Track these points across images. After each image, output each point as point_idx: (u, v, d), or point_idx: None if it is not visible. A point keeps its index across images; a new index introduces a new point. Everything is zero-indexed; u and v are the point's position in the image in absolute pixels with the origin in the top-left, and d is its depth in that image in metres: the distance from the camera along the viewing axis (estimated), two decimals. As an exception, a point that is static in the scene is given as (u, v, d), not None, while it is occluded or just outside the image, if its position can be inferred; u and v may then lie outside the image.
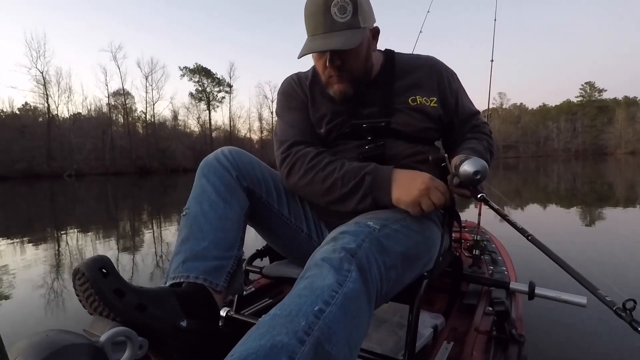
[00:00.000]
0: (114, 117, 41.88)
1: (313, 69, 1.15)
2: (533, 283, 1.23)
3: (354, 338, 0.59)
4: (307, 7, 0.97)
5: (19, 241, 4.70)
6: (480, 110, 1.28)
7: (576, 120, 67.61)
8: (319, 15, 0.94)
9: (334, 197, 0.97)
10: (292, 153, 1.04)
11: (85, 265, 0.64)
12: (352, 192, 0.95)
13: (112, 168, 36.24)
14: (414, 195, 0.88)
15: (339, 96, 1.04)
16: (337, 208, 0.99)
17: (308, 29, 0.98)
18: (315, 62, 1.05)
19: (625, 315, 0.59)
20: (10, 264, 3.49)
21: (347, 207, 0.97)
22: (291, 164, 1.03)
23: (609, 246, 3.57)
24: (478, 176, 0.85)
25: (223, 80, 52.25)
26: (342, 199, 0.97)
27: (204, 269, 0.82)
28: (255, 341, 0.51)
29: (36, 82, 36.30)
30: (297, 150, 1.04)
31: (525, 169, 23.83)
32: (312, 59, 1.06)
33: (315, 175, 0.99)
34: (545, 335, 1.76)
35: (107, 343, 0.58)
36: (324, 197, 0.99)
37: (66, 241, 4.76)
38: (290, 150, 1.05)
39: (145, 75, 43.56)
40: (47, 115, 36.53)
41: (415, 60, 1.14)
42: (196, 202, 0.91)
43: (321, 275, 0.62)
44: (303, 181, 1.01)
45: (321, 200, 1.01)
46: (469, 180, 0.87)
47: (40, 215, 8.08)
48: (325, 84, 1.06)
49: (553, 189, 10.51)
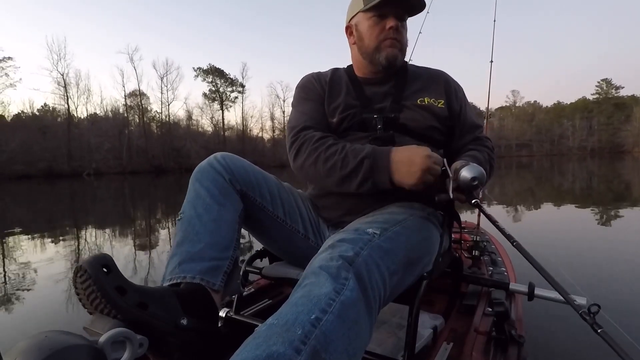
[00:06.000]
0: (130, 118, 42.60)
1: (332, 70, 1.27)
2: (533, 284, 1.23)
3: (353, 346, 0.59)
4: None
5: (44, 236, 4.84)
6: (481, 109, 1.31)
7: (592, 117, 65.98)
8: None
9: (334, 178, 1.01)
10: (301, 136, 1.09)
11: (87, 263, 0.64)
12: (351, 175, 0.98)
13: (129, 167, 36.80)
14: (415, 178, 0.91)
15: (390, 59, 1.13)
16: (340, 189, 1.03)
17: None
18: (371, 25, 1.13)
19: (589, 318, 0.63)
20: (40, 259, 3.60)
21: (349, 189, 1.01)
22: (298, 146, 1.08)
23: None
24: (475, 182, 0.87)
25: (236, 80, 52.59)
26: (342, 181, 1.00)
27: (200, 269, 0.83)
28: (251, 351, 0.51)
29: (57, 83, 37.39)
30: (305, 134, 1.09)
31: (539, 167, 23.38)
32: (364, 23, 1.14)
33: (318, 157, 1.03)
34: (544, 336, 1.75)
35: (106, 344, 0.58)
36: (326, 179, 1.03)
37: (85, 238, 4.88)
38: (299, 134, 1.10)
39: (160, 76, 44.26)
40: (67, 116, 37.41)
41: (426, 70, 1.26)
42: (191, 206, 0.92)
43: (318, 283, 0.62)
44: (308, 162, 1.05)
45: (324, 182, 1.05)
46: (467, 185, 0.88)
47: (63, 213, 8.27)
48: (376, 48, 1.14)
49: (568, 188, 10.30)
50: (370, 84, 1.20)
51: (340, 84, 1.21)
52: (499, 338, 1.08)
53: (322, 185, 1.09)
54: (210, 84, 51.50)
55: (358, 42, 1.19)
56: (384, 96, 1.16)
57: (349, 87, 1.20)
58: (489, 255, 1.84)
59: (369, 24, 1.13)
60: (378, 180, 0.95)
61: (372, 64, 1.17)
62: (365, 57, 1.17)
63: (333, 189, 1.06)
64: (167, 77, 44.44)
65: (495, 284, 1.35)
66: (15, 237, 5.03)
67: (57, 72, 37.85)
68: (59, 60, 37.63)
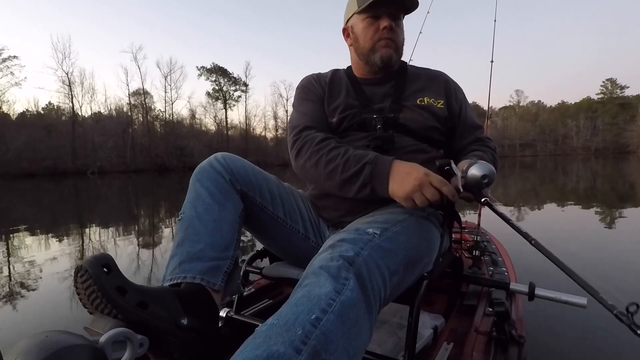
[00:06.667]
0: (134, 116, 42.65)
1: (333, 71, 1.28)
2: (533, 284, 1.23)
3: (353, 346, 0.59)
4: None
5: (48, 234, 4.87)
6: (485, 109, 1.31)
7: (596, 117, 65.49)
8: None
9: (334, 181, 1.00)
10: (302, 137, 1.09)
11: (88, 263, 0.65)
12: (351, 179, 0.97)
13: (133, 165, 36.93)
14: (406, 191, 0.89)
15: (384, 59, 1.14)
16: (339, 193, 1.03)
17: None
18: (365, 26, 1.14)
19: (625, 318, 0.59)
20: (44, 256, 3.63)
21: (348, 194, 1.00)
22: (300, 147, 1.08)
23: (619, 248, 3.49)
24: (485, 180, 0.86)
25: (239, 79, 52.55)
26: (342, 184, 1.00)
27: (201, 269, 0.84)
28: (251, 351, 0.52)
29: (62, 82, 37.52)
30: (307, 134, 1.09)
31: (543, 167, 23.27)
32: (359, 25, 1.15)
33: (319, 158, 1.02)
34: (545, 336, 1.75)
35: (107, 343, 0.58)
36: (326, 181, 1.03)
37: (89, 236, 4.90)
38: (300, 134, 1.10)
39: (164, 75, 44.22)
40: (72, 115, 37.59)
41: (425, 70, 1.27)
42: (191, 206, 0.92)
43: (319, 283, 0.63)
44: (309, 163, 1.05)
45: (324, 184, 1.05)
46: (476, 183, 0.87)
47: (67, 211, 8.32)
48: (371, 49, 1.14)
49: (572, 188, 10.25)
50: (370, 85, 1.21)
51: (340, 84, 1.22)
52: (500, 338, 1.08)
53: (322, 187, 1.10)
54: (213, 83, 51.57)
55: (354, 44, 1.20)
56: (384, 96, 1.17)
57: (348, 88, 1.20)
58: (489, 255, 1.83)
59: (363, 25, 1.14)
60: (377, 187, 0.95)
61: (369, 65, 1.18)
62: (362, 58, 1.18)
63: (332, 192, 1.06)
64: (170, 76, 44.54)
65: (496, 284, 1.35)
66: (20, 234, 5.06)
67: (61, 70, 38.07)
68: (63, 59, 38.45)
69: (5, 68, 34.92)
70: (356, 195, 0.99)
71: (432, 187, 0.88)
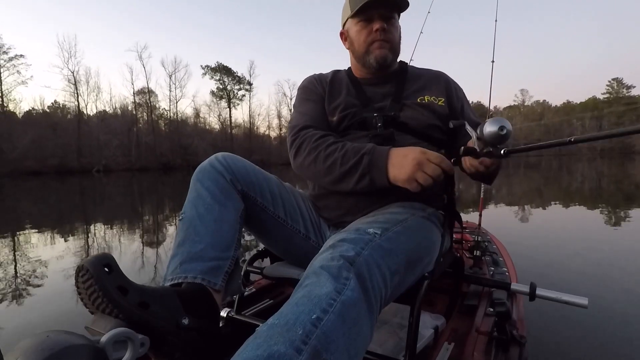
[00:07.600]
0: (139, 115, 42.95)
1: (334, 72, 1.29)
2: (534, 284, 1.23)
3: (354, 346, 0.59)
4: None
5: (54, 232, 4.91)
6: (486, 107, 1.31)
7: (602, 117, 65.02)
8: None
9: (334, 176, 1.01)
10: (301, 135, 1.10)
11: (89, 262, 0.65)
12: (350, 171, 0.98)
13: (138, 164, 37.16)
14: (407, 172, 0.90)
15: (379, 60, 1.15)
16: (338, 188, 1.04)
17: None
18: (358, 30, 1.16)
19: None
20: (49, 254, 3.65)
21: (347, 187, 1.01)
22: (298, 145, 1.09)
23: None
24: (504, 131, 0.79)
25: (243, 78, 52.75)
26: (341, 178, 1.00)
27: (202, 269, 0.84)
28: (252, 351, 0.51)
29: (67, 81, 37.89)
30: (305, 132, 1.10)
31: (548, 167, 23.14)
32: (353, 28, 1.17)
33: (318, 155, 1.04)
34: (546, 337, 1.75)
35: (108, 343, 0.58)
36: (325, 177, 1.03)
37: (94, 234, 4.93)
38: (299, 133, 1.11)
39: (169, 74, 44.75)
40: (77, 113, 37.89)
41: (426, 71, 1.28)
42: (192, 206, 0.92)
43: (319, 283, 0.63)
44: (307, 160, 1.06)
45: (323, 180, 1.06)
46: (495, 137, 0.79)
47: (72, 209, 8.36)
48: (365, 52, 1.16)
49: (576, 188, 10.19)
50: (370, 85, 1.21)
51: (341, 84, 1.23)
52: (500, 338, 1.07)
53: (321, 184, 1.10)
54: (218, 82, 51.78)
55: (351, 47, 1.22)
56: (384, 96, 1.18)
57: (349, 87, 1.21)
58: (490, 255, 1.83)
59: (356, 29, 1.16)
60: (375, 176, 0.95)
61: (365, 67, 1.20)
62: (359, 60, 1.20)
63: (331, 187, 1.07)
64: (175, 75, 44.96)
65: (497, 284, 1.34)
66: (26, 232, 5.10)
67: (67, 69, 38.42)
68: (69, 58, 38.26)
69: (11, 67, 35.25)
70: (355, 186, 0.99)
71: (432, 163, 0.90)
